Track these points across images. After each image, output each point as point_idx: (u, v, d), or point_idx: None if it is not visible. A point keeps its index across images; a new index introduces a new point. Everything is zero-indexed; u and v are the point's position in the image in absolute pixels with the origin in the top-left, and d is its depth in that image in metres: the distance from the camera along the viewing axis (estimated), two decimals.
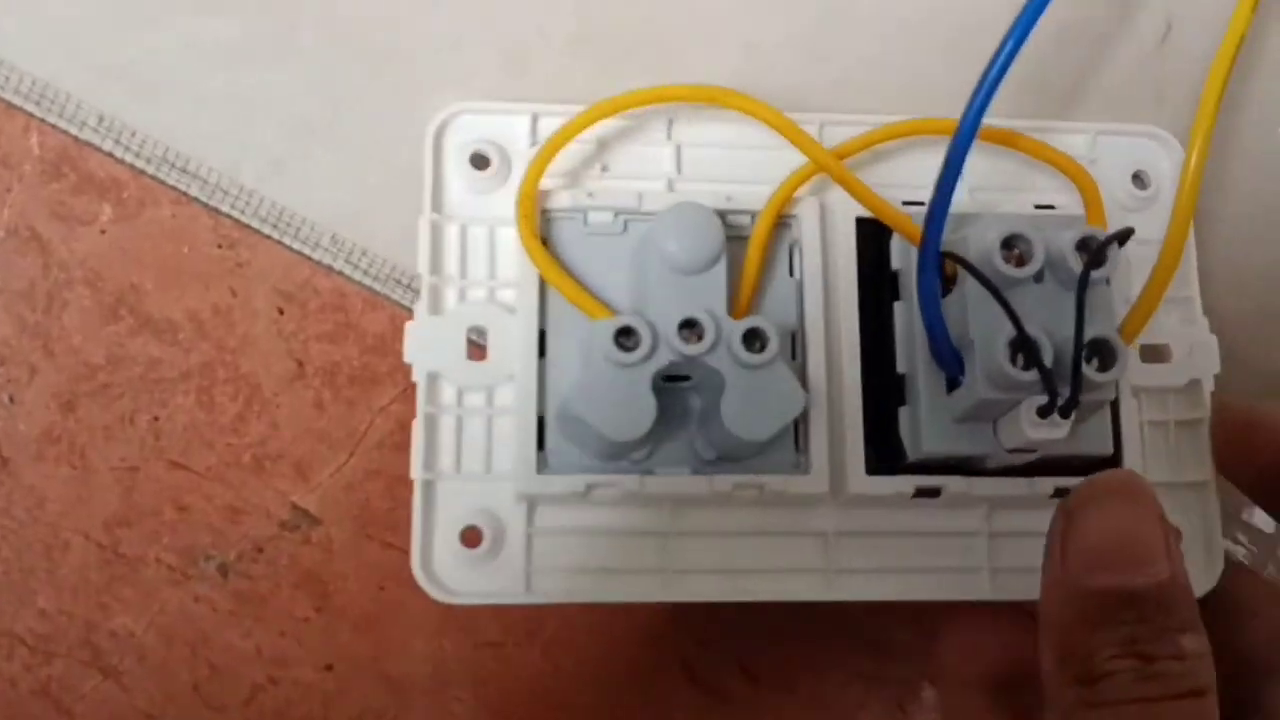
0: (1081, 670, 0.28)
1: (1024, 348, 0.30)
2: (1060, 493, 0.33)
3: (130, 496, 0.39)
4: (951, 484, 0.33)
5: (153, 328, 0.39)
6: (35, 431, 0.38)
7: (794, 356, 0.34)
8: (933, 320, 0.32)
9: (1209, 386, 0.36)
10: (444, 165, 0.35)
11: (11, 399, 0.39)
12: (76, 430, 0.39)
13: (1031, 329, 0.30)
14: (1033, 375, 0.30)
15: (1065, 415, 0.31)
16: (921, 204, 0.32)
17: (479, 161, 0.35)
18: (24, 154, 0.38)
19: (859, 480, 0.33)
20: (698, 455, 0.33)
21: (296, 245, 0.39)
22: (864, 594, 0.34)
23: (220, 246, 0.39)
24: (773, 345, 0.31)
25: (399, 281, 0.39)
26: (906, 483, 0.33)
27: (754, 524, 0.34)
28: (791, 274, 0.34)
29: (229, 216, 0.38)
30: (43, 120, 0.38)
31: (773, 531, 0.34)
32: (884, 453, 0.33)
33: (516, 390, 0.33)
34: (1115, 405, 0.34)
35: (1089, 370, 0.31)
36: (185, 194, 0.38)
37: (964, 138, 0.30)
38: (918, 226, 0.32)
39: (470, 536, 0.33)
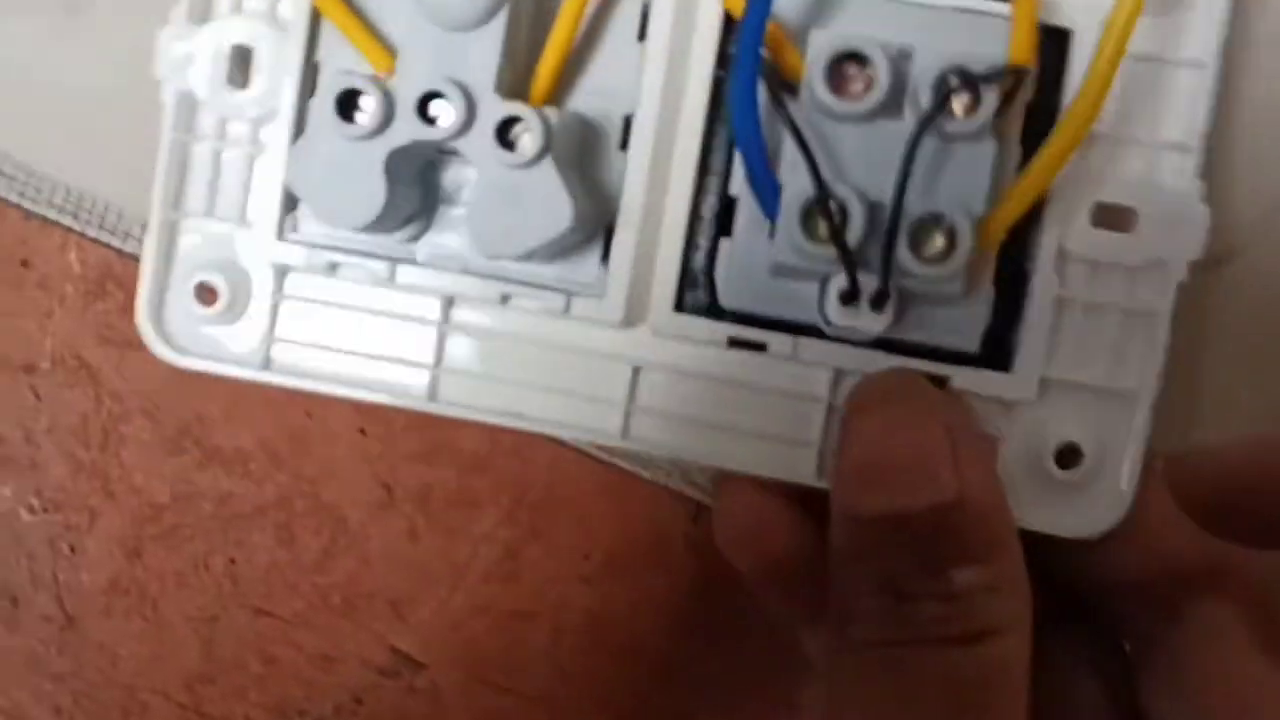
0: (840, 608, 0.24)
1: (822, 212, 0.24)
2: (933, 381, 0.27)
3: (210, 649, 0.35)
4: (776, 342, 0.27)
5: (221, 459, 0.35)
6: (101, 583, 0.35)
7: (622, 146, 0.27)
8: (746, 137, 0.25)
9: (1178, 276, 0.27)
10: None
11: (72, 549, 0.35)
12: (146, 579, 0.35)
13: (847, 187, 0.24)
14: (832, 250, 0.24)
15: (876, 307, 0.25)
16: None
17: None
18: (63, 273, 0.34)
19: (663, 316, 0.27)
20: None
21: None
22: (664, 447, 0.28)
23: None
24: (530, 142, 0.25)
25: None
26: (719, 330, 0.27)
27: (547, 332, 0.28)
28: (640, 39, 0.27)
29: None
30: (82, 234, 0.34)
31: (568, 347, 0.28)
32: (707, 287, 0.28)
33: (274, 131, 0.28)
34: (1024, 277, 0.27)
35: (905, 255, 0.24)
36: None
37: None
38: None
39: (207, 294, 0.28)
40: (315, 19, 0.27)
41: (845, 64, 0.25)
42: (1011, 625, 0.24)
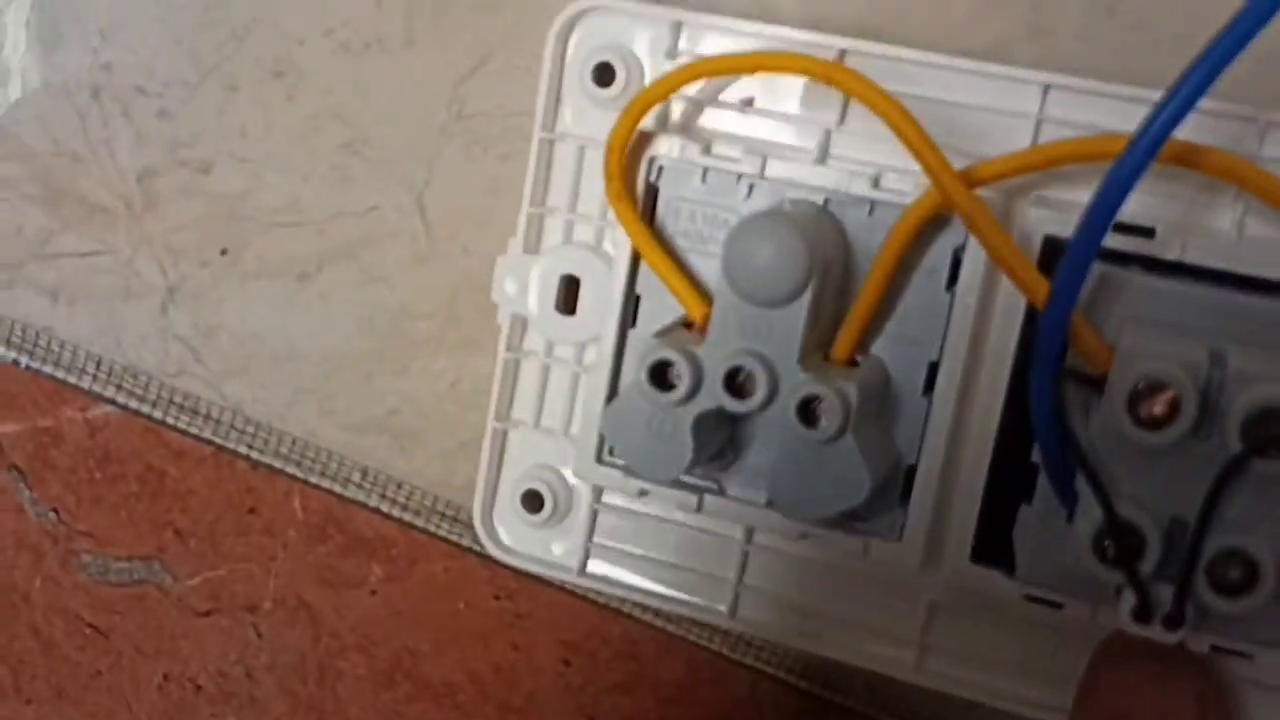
0: None
1: (1114, 538, 0.23)
2: (1218, 649, 0.25)
3: None
4: (1073, 607, 0.26)
5: (433, 693, 0.35)
6: None
7: (925, 391, 0.27)
8: (1043, 434, 0.24)
9: None
10: (565, 73, 0.30)
11: None
12: None
13: (1142, 511, 0.24)
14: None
15: (1169, 629, 0.24)
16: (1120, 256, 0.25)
17: (604, 73, 0.29)
18: (288, 519, 0.35)
19: (959, 563, 0.27)
20: None
21: (580, 591, 0.35)
22: (955, 687, 0.29)
23: (498, 598, 0.35)
24: (833, 421, 0.25)
25: (695, 622, 0.35)
26: (1014, 587, 0.27)
27: (842, 561, 0.29)
28: (948, 287, 0.27)
29: (506, 567, 0.34)
30: (305, 481, 0.35)
31: (865, 577, 0.29)
32: (1002, 542, 0.27)
33: (594, 360, 0.30)
34: None
35: (1206, 588, 0.23)
36: (458, 545, 0.35)
37: (1126, 171, 0.22)
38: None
39: (531, 502, 0.31)
40: (637, 257, 0.29)
41: (1146, 386, 0.24)
42: None
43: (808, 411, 0.26)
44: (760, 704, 0.34)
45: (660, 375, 0.26)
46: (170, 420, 0.36)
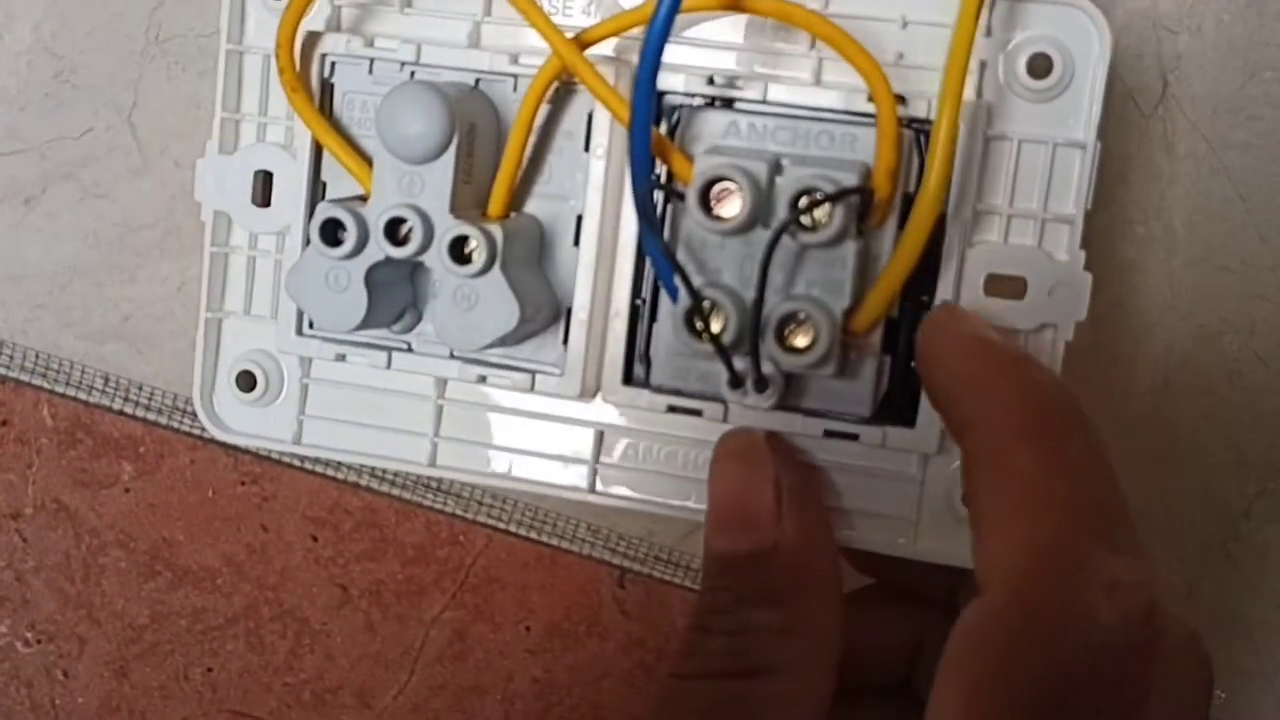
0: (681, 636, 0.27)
1: (693, 312, 0.28)
2: (830, 435, 0.30)
3: None
4: (709, 410, 0.31)
5: (192, 578, 0.38)
6: (94, 704, 0.38)
7: (575, 242, 0.31)
8: (649, 244, 0.29)
9: (1066, 336, 0.30)
10: None
11: (65, 674, 0.38)
12: (134, 695, 0.38)
13: (722, 290, 0.28)
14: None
15: (760, 390, 0.28)
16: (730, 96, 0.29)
17: None
18: (39, 428, 0.38)
19: (613, 389, 0.31)
20: None
21: (320, 469, 0.38)
22: (626, 503, 0.32)
23: (244, 484, 0.38)
24: (480, 257, 0.29)
25: (429, 486, 0.38)
26: (658, 401, 0.31)
27: (525, 403, 0.33)
28: (586, 148, 0.31)
29: (236, 448, 0.37)
30: (52, 391, 0.38)
31: (543, 414, 0.33)
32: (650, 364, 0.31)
33: (289, 243, 0.32)
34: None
35: (773, 348, 0.28)
36: (201, 439, 0.38)
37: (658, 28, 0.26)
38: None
39: (246, 382, 0.33)
40: (319, 149, 0.32)
41: (718, 185, 0.28)
42: (798, 668, 0.25)
43: (458, 251, 0.29)
44: (495, 556, 0.38)
45: (330, 233, 0.30)
46: None
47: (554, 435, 0.32)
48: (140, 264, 0.37)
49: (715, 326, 0.28)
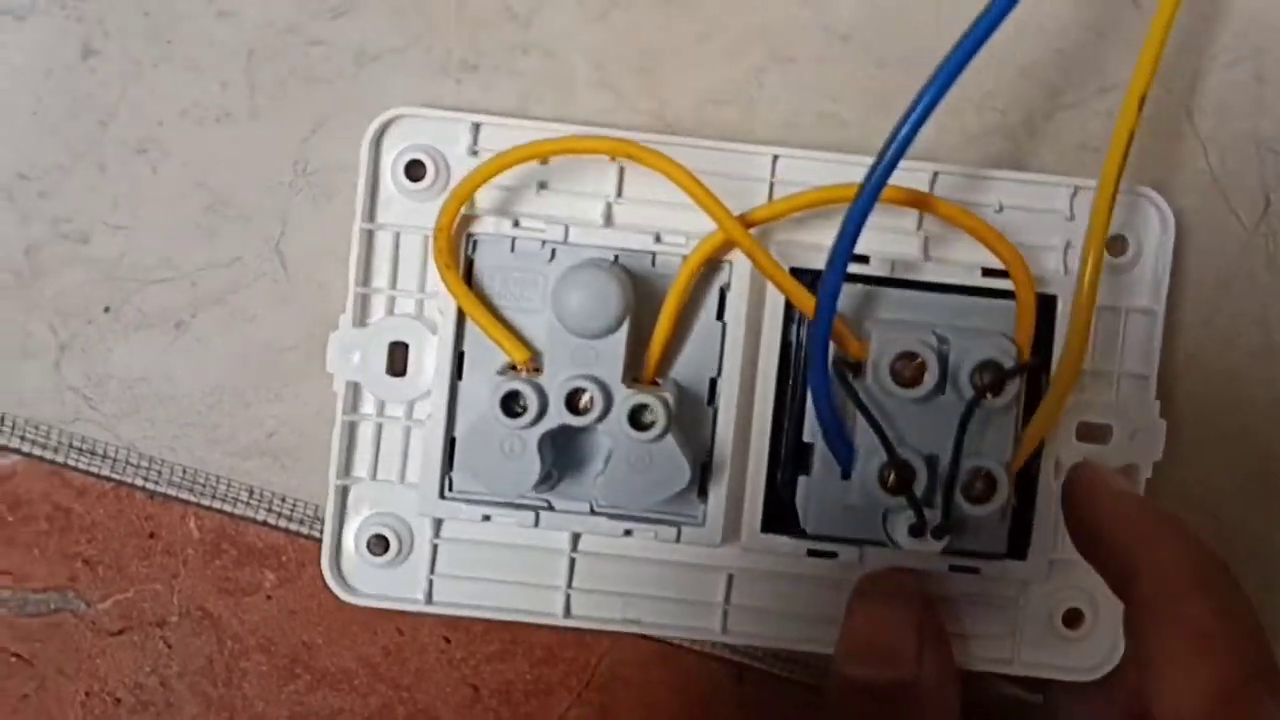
0: None
1: (895, 472, 0.31)
2: (955, 569, 0.34)
3: None
4: (845, 553, 0.34)
5: (330, 680, 0.40)
6: None
7: (709, 401, 0.34)
8: (822, 412, 0.32)
9: (1146, 474, 0.34)
10: (380, 171, 0.35)
11: None
12: None
13: (909, 450, 0.31)
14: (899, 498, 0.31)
15: (937, 538, 0.31)
16: (858, 278, 0.33)
17: (415, 169, 0.35)
18: (185, 539, 0.40)
19: (753, 537, 0.34)
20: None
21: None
22: (756, 640, 0.35)
23: None
24: (659, 423, 0.31)
25: None
26: (799, 545, 0.34)
27: (658, 552, 0.35)
28: (719, 318, 0.34)
29: None
30: (198, 504, 0.39)
31: (675, 562, 0.35)
32: (787, 512, 0.34)
33: (429, 411, 0.34)
34: (1033, 484, 0.34)
35: (961, 501, 0.31)
36: None
37: (855, 217, 0.29)
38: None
39: (379, 545, 0.35)
40: (461, 319, 0.34)
41: (901, 358, 0.32)
42: None
43: (637, 419, 0.32)
44: (620, 656, 0.39)
45: (509, 404, 0.32)
46: (71, 462, 0.38)
47: (686, 580, 0.35)
48: (285, 383, 0.38)
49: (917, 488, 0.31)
